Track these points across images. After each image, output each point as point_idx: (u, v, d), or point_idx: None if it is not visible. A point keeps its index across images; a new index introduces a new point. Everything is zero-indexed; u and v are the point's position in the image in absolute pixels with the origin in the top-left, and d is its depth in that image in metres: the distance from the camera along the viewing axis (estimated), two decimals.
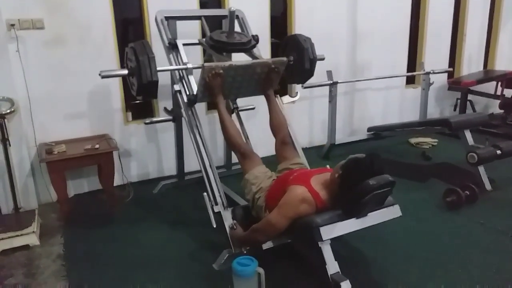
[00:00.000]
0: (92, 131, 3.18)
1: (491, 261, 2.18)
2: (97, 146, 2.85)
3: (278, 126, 2.51)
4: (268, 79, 2.59)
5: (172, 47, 2.65)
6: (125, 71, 2.38)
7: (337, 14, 4.10)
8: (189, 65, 2.51)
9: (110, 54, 3.13)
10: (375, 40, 4.35)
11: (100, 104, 3.19)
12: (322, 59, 2.82)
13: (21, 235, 2.44)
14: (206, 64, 2.40)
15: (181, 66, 2.55)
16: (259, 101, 2.81)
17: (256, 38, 2.73)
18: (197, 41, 2.80)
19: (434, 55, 4.79)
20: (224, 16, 2.99)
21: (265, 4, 3.72)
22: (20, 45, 2.78)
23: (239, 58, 2.75)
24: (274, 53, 3.80)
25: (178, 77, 2.58)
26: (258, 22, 3.59)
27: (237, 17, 2.91)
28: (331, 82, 3.74)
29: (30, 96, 2.87)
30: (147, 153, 3.49)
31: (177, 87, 2.55)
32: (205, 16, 2.87)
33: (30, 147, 2.94)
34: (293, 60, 2.74)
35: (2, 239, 2.40)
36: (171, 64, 2.62)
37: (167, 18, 2.73)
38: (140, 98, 2.46)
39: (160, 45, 2.72)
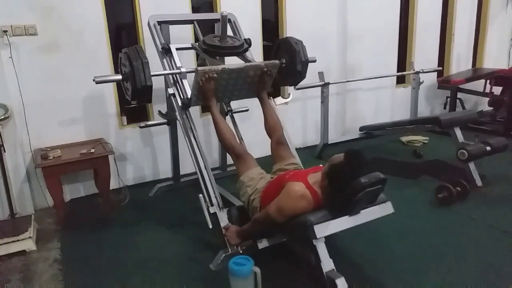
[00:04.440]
0: (87, 136, 3.19)
1: (483, 256, 2.21)
2: (92, 150, 2.86)
3: (273, 127, 2.55)
4: (261, 81, 2.63)
5: (165, 52, 2.67)
6: (119, 77, 2.40)
7: (328, 16, 4.15)
8: (183, 69, 2.53)
9: (103, 59, 3.15)
10: (366, 41, 4.40)
11: (94, 109, 3.20)
12: (314, 61, 2.86)
13: (18, 240, 2.44)
14: (199, 68, 2.42)
15: (175, 71, 2.57)
16: (253, 103, 2.84)
17: (248, 42, 2.75)
18: (190, 46, 2.82)
19: (424, 55, 4.85)
20: (216, 20, 3.02)
21: (257, 8, 3.75)
22: (13, 51, 2.79)
23: (232, 62, 2.77)
24: (266, 56, 3.83)
25: (172, 81, 2.60)
26: (250, 26, 3.62)
27: (229, 20, 2.94)
28: (323, 83, 3.78)
29: (24, 102, 2.88)
30: (142, 156, 3.51)
31: (171, 90, 2.57)
32: (198, 20, 2.91)
33: (25, 152, 2.95)
34: (285, 63, 2.77)
35: None
36: (165, 69, 2.64)
37: (159, 22, 2.75)
38: (134, 102, 2.47)
39: (154, 50, 2.74)
